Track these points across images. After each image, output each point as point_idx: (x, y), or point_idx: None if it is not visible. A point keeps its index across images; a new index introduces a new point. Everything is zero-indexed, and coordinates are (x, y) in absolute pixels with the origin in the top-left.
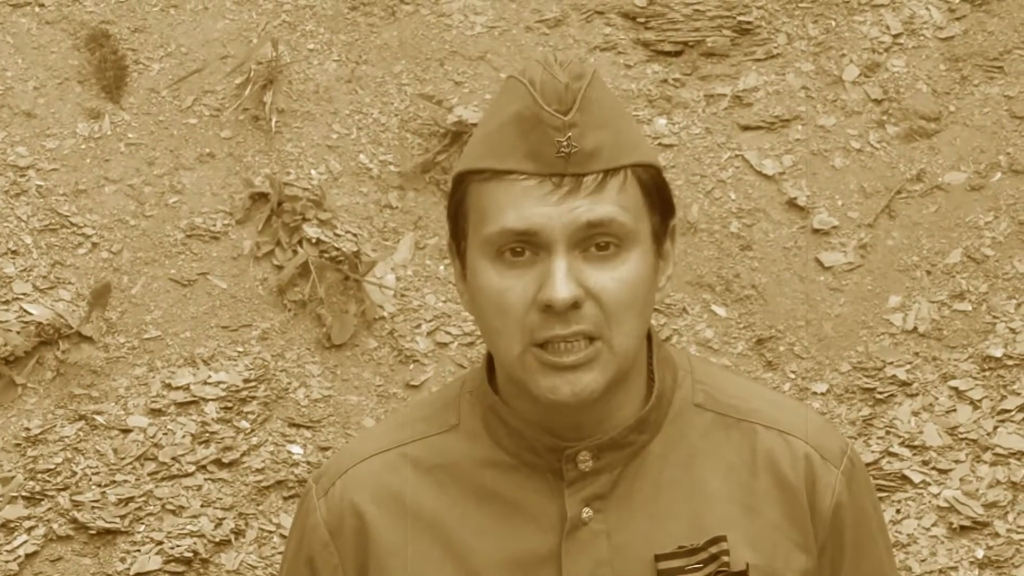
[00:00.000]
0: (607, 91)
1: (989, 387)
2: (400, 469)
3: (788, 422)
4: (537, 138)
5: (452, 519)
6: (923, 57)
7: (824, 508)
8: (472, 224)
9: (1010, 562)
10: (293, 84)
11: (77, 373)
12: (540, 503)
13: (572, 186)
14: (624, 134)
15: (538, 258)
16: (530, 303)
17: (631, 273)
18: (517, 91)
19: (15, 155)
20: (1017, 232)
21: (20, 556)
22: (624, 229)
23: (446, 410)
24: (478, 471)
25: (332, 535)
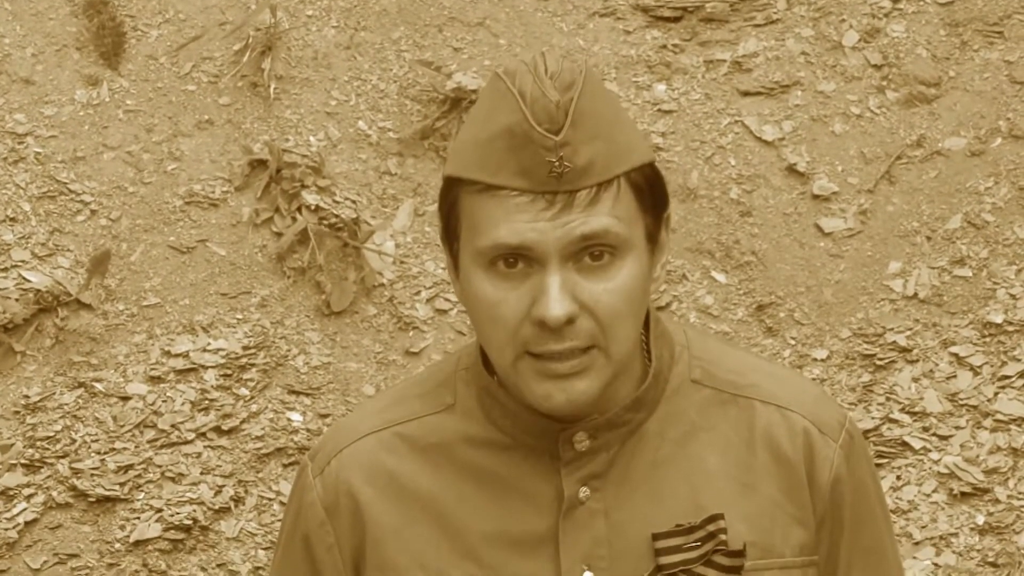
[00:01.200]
0: (599, 93)
1: (989, 353)
2: (395, 449)
3: (786, 396)
4: (528, 156)
5: (448, 499)
6: (923, 22)
7: (823, 482)
8: (465, 231)
9: (1011, 528)
10: (292, 50)
11: (76, 340)
12: (537, 483)
13: (565, 202)
14: (617, 140)
15: (532, 270)
16: (523, 316)
17: (625, 282)
18: (507, 101)
19: (13, 122)
20: (1017, 197)
21: (19, 524)
22: (618, 239)
23: (441, 389)
24: (474, 451)
25: (328, 514)
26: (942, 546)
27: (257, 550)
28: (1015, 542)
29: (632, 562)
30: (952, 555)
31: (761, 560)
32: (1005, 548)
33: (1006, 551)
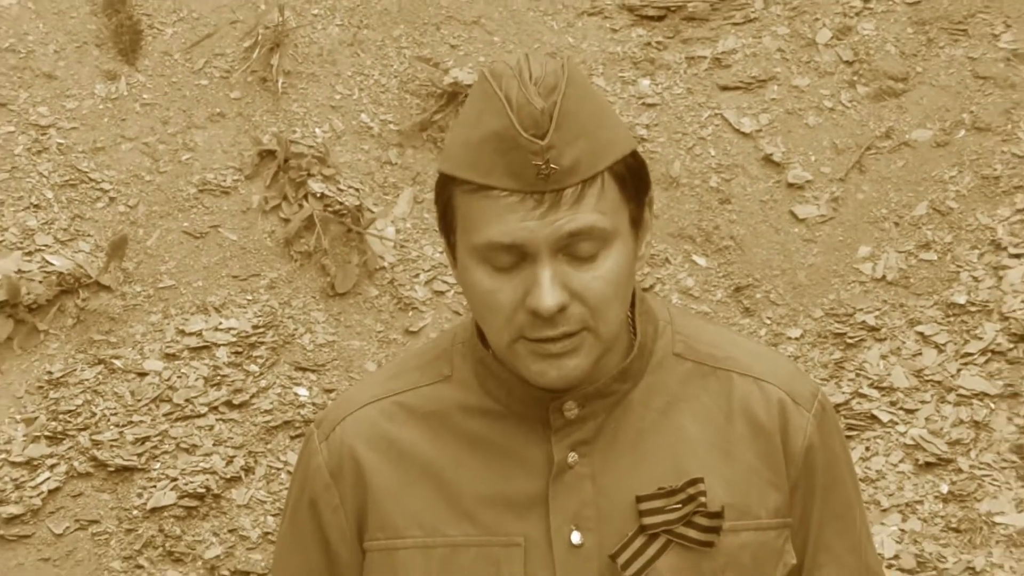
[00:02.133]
0: (582, 93)
1: (953, 332)
2: (396, 416)
3: (762, 369)
4: (516, 159)
5: (445, 463)
6: (891, 21)
7: (796, 449)
8: (460, 226)
9: (972, 496)
10: (298, 47)
11: (96, 320)
12: (528, 449)
13: (553, 201)
14: (600, 136)
15: (524, 263)
16: (518, 305)
17: (612, 269)
18: (495, 106)
19: (37, 114)
20: (980, 186)
21: (43, 492)
22: (604, 232)
23: (439, 361)
24: (469, 419)
25: (333, 477)
26: (908, 513)
27: (266, 516)
28: (976, 509)
29: (617, 522)
30: (918, 521)
31: (738, 521)
32: (967, 515)
33: (968, 517)
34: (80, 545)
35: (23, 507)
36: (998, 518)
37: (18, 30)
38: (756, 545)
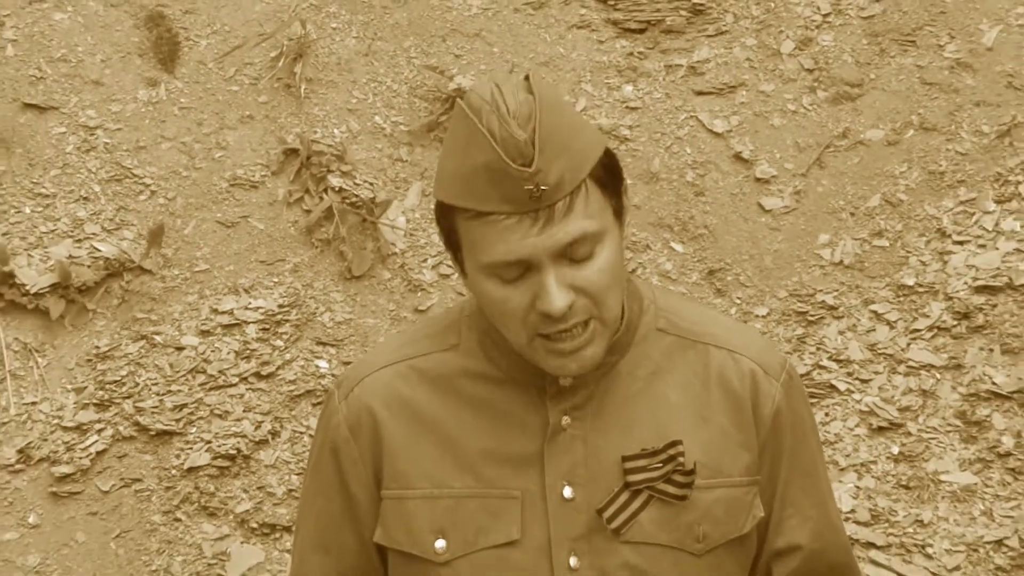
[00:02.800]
0: (554, 112)
1: (903, 310)
2: (408, 379)
3: (736, 343)
4: (509, 187)
5: (451, 423)
6: (848, 33)
7: (766, 414)
8: (466, 247)
9: (920, 456)
10: (319, 57)
11: (139, 300)
12: (526, 412)
13: (547, 216)
14: (576, 147)
15: (530, 273)
16: (528, 308)
17: (607, 260)
18: (480, 140)
19: (86, 117)
20: (927, 180)
21: (92, 453)
22: (595, 234)
23: (448, 331)
24: (474, 384)
25: (352, 432)
26: (863, 472)
27: (291, 475)
28: (924, 468)
29: (605, 479)
30: (871, 479)
31: (712, 479)
32: (916, 473)
33: (917, 476)
34: (125, 501)
35: (74, 467)
36: (943, 476)
37: (69, 42)
38: (728, 500)
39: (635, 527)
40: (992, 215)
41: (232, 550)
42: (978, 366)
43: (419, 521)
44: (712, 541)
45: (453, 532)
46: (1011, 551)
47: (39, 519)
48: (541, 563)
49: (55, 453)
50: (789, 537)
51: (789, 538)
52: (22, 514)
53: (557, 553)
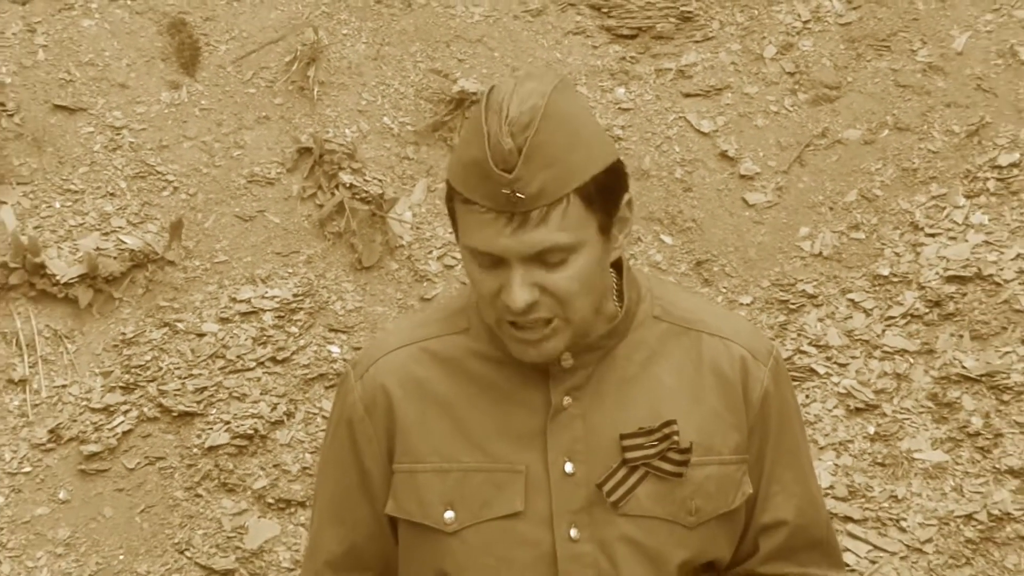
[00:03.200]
0: (557, 124)
1: (878, 299)
2: (421, 360)
3: (727, 330)
4: (489, 186)
5: (461, 402)
6: (827, 39)
7: (755, 397)
8: (459, 227)
9: (895, 436)
10: (331, 61)
11: (162, 289)
12: (530, 392)
13: (521, 220)
14: (571, 161)
15: (501, 265)
16: (496, 294)
17: (577, 271)
18: (478, 137)
19: (112, 118)
20: (901, 177)
21: (118, 433)
22: (567, 246)
23: (459, 315)
24: (482, 365)
25: (367, 410)
26: (841, 450)
27: (305, 454)
28: (898, 447)
29: (603, 456)
30: (849, 457)
31: (704, 457)
32: (891, 452)
33: (891, 454)
34: (149, 478)
35: (101, 446)
36: (916, 454)
37: (96, 47)
38: (719, 477)
39: (632, 501)
40: (962, 209)
41: (250, 524)
42: (949, 351)
43: (429, 493)
44: (704, 515)
45: (461, 504)
46: (980, 524)
47: (69, 495)
48: (543, 534)
49: (84, 433)
50: (775, 513)
51: (775, 514)
52: (53, 490)
53: (558, 524)
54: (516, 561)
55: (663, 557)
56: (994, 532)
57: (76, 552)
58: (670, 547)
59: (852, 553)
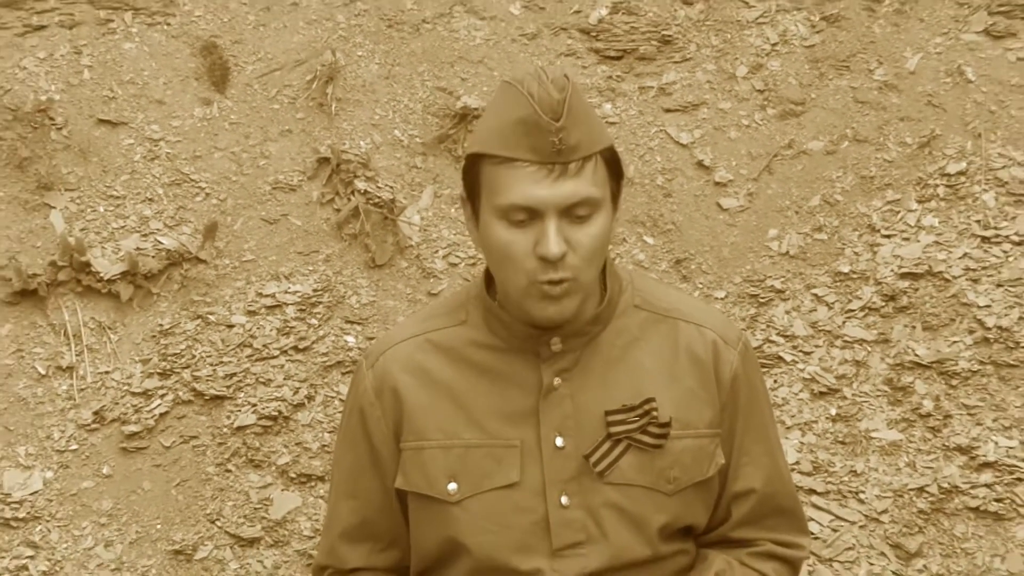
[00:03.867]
0: (580, 95)
1: (839, 293)
2: (425, 350)
3: (701, 317)
4: (537, 137)
5: (461, 385)
6: (793, 60)
7: (725, 378)
8: (485, 193)
9: (855, 417)
10: (347, 80)
11: (196, 285)
12: (524, 374)
13: (561, 171)
14: (593, 128)
15: (535, 220)
16: (529, 253)
17: (599, 229)
18: (519, 100)
19: (151, 131)
20: (859, 184)
21: (156, 415)
22: (596, 200)
23: (458, 309)
24: (480, 352)
25: (376, 395)
26: (806, 430)
27: (323, 433)
28: (857, 427)
29: (590, 431)
30: (813, 436)
31: (681, 431)
32: (851, 431)
33: (851, 433)
34: (183, 455)
35: (140, 426)
36: (873, 434)
37: (136, 67)
38: (695, 448)
39: (616, 471)
40: (915, 213)
41: (274, 496)
42: (902, 341)
43: (434, 467)
44: (681, 483)
45: (463, 476)
46: (931, 496)
47: (111, 470)
48: (537, 501)
49: (125, 415)
50: (745, 482)
51: (745, 483)
52: (97, 466)
53: (551, 493)
54: (514, 526)
55: (645, 521)
56: (944, 504)
57: (118, 522)
58: (651, 512)
59: (816, 522)
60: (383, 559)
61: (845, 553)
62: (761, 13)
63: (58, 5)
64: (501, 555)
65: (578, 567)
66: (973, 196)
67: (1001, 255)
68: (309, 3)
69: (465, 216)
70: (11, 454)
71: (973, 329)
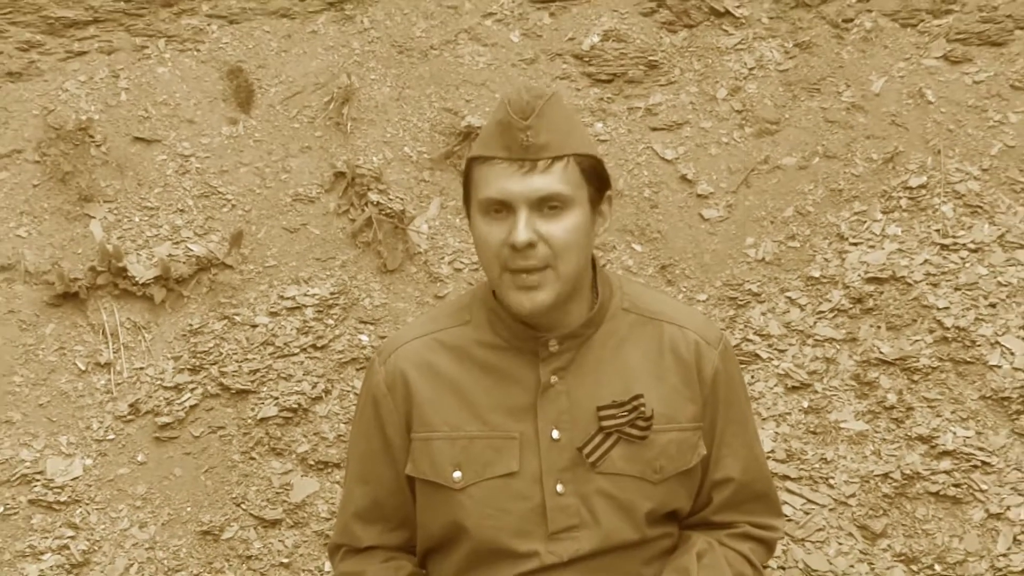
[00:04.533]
0: (563, 108)
1: (811, 296)
2: (433, 348)
3: (684, 320)
4: (509, 135)
5: (466, 381)
6: (768, 83)
7: (707, 376)
8: (473, 192)
9: (825, 409)
10: (361, 101)
11: (223, 289)
12: (523, 372)
13: (530, 167)
14: (570, 135)
15: (509, 214)
16: (502, 242)
17: (571, 223)
18: (501, 108)
19: (182, 147)
20: (829, 196)
21: (186, 407)
22: (565, 197)
23: (463, 311)
24: (483, 351)
25: (388, 389)
26: (780, 421)
27: (339, 424)
28: (827, 418)
29: (584, 425)
30: (787, 427)
31: (666, 425)
32: (821, 422)
33: (822, 424)
34: (211, 444)
35: (172, 417)
36: (842, 425)
37: (170, 89)
38: (679, 441)
39: (607, 461)
40: (879, 223)
41: (294, 482)
42: (869, 339)
43: (441, 457)
44: (666, 472)
45: (467, 465)
46: (895, 482)
47: (146, 458)
48: (535, 489)
49: (158, 407)
50: (725, 471)
51: (725, 471)
52: (132, 454)
53: (547, 481)
54: (513, 512)
55: (633, 507)
56: (906, 488)
57: (151, 505)
58: (639, 499)
59: (789, 505)
60: (393, 538)
61: (816, 534)
62: (739, 40)
63: (97, 32)
64: (501, 538)
65: (572, 549)
66: (933, 208)
67: (959, 261)
68: (327, 31)
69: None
70: (54, 443)
71: (933, 329)
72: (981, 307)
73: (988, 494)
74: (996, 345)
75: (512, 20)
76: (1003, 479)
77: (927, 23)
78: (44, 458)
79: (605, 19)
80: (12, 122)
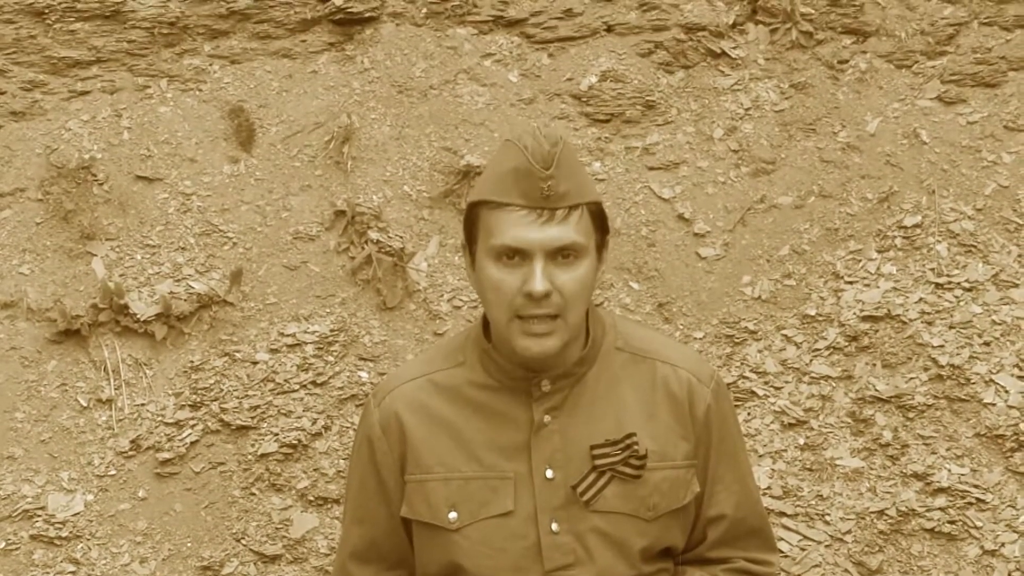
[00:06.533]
0: (572, 151)
1: (807, 334)
2: (427, 390)
3: (677, 358)
4: (528, 184)
5: (460, 422)
6: (764, 123)
7: (699, 413)
8: (482, 237)
9: (820, 446)
10: (361, 140)
11: (223, 325)
12: (516, 412)
13: (548, 217)
14: (582, 182)
15: (524, 262)
16: (517, 291)
17: (583, 274)
18: (514, 152)
19: (183, 186)
20: (824, 235)
21: (187, 442)
22: (580, 247)
23: (457, 352)
24: (477, 391)
25: (383, 431)
26: (776, 458)
27: (339, 460)
28: (823, 455)
29: (577, 463)
30: (783, 463)
31: (660, 463)
32: (817, 459)
33: (818, 461)
34: (212, 479)
35: (173, 453)
36: (838, 461)
37: (171, 128)
38: (672, 479)
39: (601, 499)
40: (875, 261)
41: (294, 517)
42: (864, 377)
43: (436, 498)
44: (660, 510)
45: (462, 505)
46: (890, 519)
47: (146, 493)
48: (530, 528)
49: (159, 443)
50: (718, 507)
51: (718, 508)
52: (133, 489)
53: (542, 520)
54: (509, 551)
55: (627, 544)
56: (902, 525)
57: (152, 540)
58: (633, 536)
59: (785, 542)
60: None
61: (812, 570)
62: (736, 81)
63: (100, 72)
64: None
65: None
66: (928, 246)
67: (953, 300)
68: (327, 71)
69: (465, 262)
70: (55, 479)
71: (928, 367)
72: (975, 345)
73: (983, 531)
74: (990, 383)
75: (511, 60)
76: (998, 516)
77: (921, 64)
78: (46, 494)
79: (603, 59)
80: (15, 161)
